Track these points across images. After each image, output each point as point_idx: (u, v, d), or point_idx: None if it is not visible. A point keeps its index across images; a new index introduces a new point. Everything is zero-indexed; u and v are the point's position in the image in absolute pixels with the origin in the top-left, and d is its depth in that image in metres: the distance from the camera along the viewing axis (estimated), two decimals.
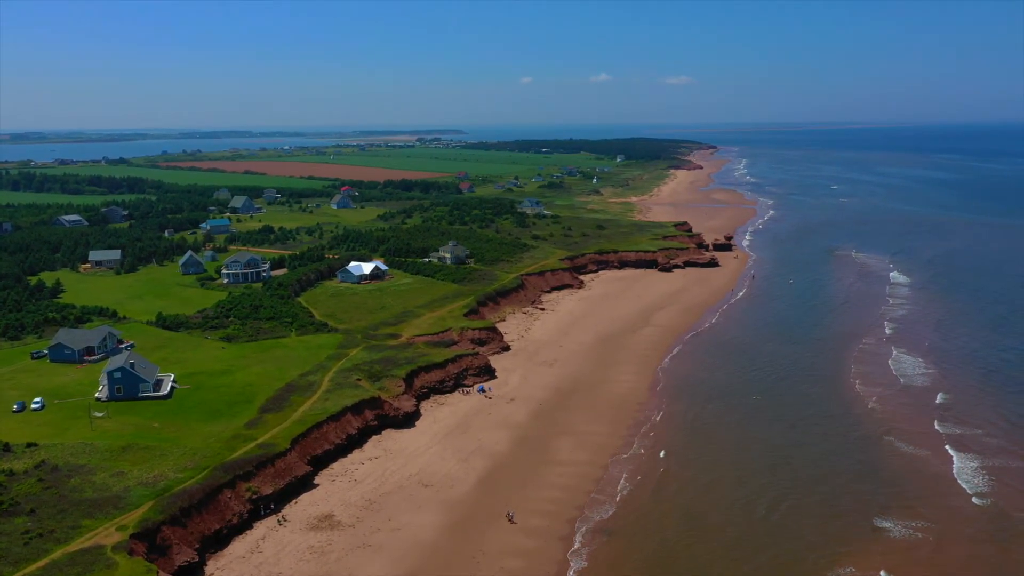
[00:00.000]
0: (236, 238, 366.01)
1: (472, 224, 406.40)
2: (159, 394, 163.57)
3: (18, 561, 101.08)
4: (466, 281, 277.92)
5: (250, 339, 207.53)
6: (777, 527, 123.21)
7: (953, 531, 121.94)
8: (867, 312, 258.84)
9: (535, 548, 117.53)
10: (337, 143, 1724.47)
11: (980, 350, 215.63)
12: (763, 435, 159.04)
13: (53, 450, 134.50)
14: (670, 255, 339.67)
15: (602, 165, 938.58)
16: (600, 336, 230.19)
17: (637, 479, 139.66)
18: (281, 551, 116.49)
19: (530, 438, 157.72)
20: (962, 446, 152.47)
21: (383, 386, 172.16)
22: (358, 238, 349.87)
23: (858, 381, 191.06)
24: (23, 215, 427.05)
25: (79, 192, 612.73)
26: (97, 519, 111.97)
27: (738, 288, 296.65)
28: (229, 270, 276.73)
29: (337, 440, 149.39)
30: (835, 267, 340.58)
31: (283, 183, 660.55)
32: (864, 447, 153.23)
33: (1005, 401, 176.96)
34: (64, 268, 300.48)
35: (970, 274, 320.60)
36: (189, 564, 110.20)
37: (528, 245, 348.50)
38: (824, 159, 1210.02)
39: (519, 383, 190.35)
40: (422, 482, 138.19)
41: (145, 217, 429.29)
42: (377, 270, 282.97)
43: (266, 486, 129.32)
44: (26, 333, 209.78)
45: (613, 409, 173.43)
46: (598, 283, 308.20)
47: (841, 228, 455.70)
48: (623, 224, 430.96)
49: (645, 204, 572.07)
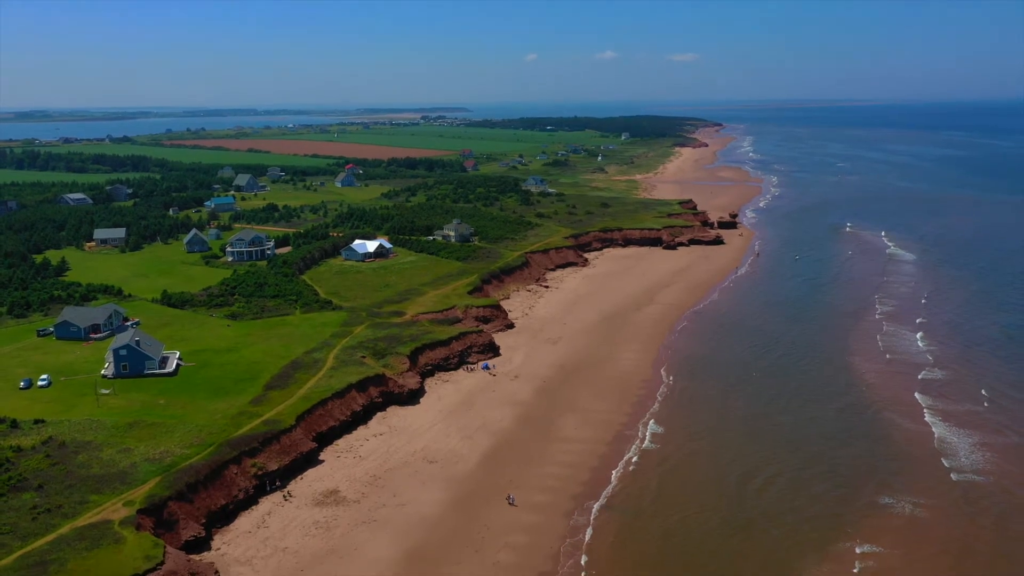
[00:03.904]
0: (240, 216, 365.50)
1: (476, 202, 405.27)
2: (165, 371, 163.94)
3: (27, 536, 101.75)
4: (470, 259, 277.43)
5: (255, 317, 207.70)
6: (778, 502, 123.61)
7: (950, 506, 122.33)
8: (870, 290, 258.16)
9: (539, 524, 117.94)
10: (341, 121, 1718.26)
11: (984, 327, 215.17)
12: (765, 412, 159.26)
13: (60, 427, 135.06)
14: (675, 233, 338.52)
15: (607, 143, 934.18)
16: (604, 314, 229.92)
17: (640, 456, 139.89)
18: (287, 526, 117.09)
19: (534, 415, 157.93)
20: (961, 422, 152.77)
21: (387, 363, 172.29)
22: (362, 216, 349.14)
23: (858, 358, 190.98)
24: (28, 193, 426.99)
25: (83, 170, 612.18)
26: (104, 494, 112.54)
27: (742, 266, 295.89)
28: (233, 248, 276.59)
29: (342, 417, 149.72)
30: (840, 244, 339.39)
31: (287, 161, 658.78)
32: (863, 423, 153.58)
33: (1005, 377, 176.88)
34: (69, 246, 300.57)
35: (977, 252, 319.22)
36: (196, 539, 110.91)
37: (532, 223, 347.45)
38: (831, 136, 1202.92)
39: (523, 360, 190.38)
40: (427, 458, 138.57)
41: (149, 195, 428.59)
42: (381, 248, 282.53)
43: (272, 462, 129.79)
44: (32, 311, 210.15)
45: (617, 386, 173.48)
46: (602, 261, 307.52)
47: (847, 206, 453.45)
48: (628, 202, 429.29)
49: (650, 182, 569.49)
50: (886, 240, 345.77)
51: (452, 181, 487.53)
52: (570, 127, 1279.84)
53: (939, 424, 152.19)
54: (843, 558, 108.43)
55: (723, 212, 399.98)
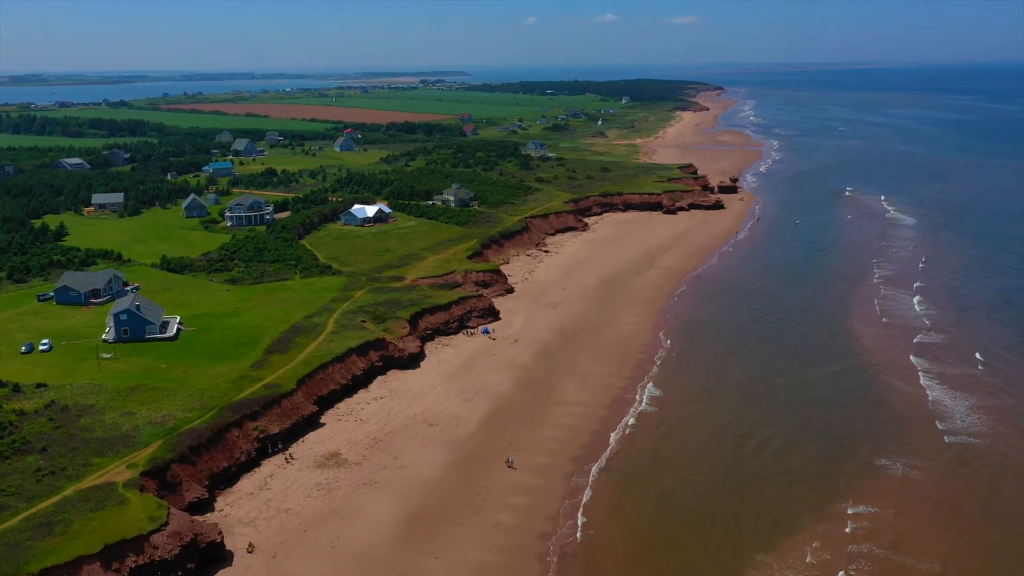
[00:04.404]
0: (239, 181, 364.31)
1: (476, 167, 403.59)
2: (165, 336, 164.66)
3: (32, 498, 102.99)
4: (470, 224, 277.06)
5: (255, 281, 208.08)
6: (773, 463, 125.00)
7: (943, 468, 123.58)
8: (868, 254, 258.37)
9: (539, 486, 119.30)
10: (340, 85, 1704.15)
11: (981, 292, 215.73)
12: (762, 375, 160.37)
13: (62, 391, 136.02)
14: (675, 197, 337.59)
15: (607, 107, 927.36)
16: (604, 278, 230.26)
17: (639, 419, 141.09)
18: (289, 488, 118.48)
19: (534, 379, 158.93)
20: (956, 385, 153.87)
21: (388, 328, 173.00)
22: (361, 181, 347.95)
23: (856, 322, 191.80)
24: (25, 158, 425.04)
25: (80, 135, 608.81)
26: (107, 457, 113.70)
27: (742, 230, 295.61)
28: (232, 213, 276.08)
29: (343, 381, 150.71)
30: (840, 209, 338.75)
31: (285, 125, 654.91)
32: (859, 386, 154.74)
33: (1001, 341, 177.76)
34: (68, 211, 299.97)
35: (977, 217, 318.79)
36: (199, 500, 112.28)
37: (532, 188, 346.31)
38: (832, 100, 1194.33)
39: (523, 325, 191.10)
40: (427, 422, 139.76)
41: (147, 160, 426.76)
42: (381, 213, 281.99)
43: (273, 425, 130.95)
44: (32, 276, 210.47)
45: (616, 350, 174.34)
46: (602, 225, 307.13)
47: (847, 170, 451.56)
48: (628, 166, 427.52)
49: (650, 146, 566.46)
50: (886, 204, 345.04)
51: (451, 145, 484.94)
52: (570, 91, 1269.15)
53: (934, 387, 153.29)
54: (836, 518, 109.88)
55: (724, 176, 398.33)
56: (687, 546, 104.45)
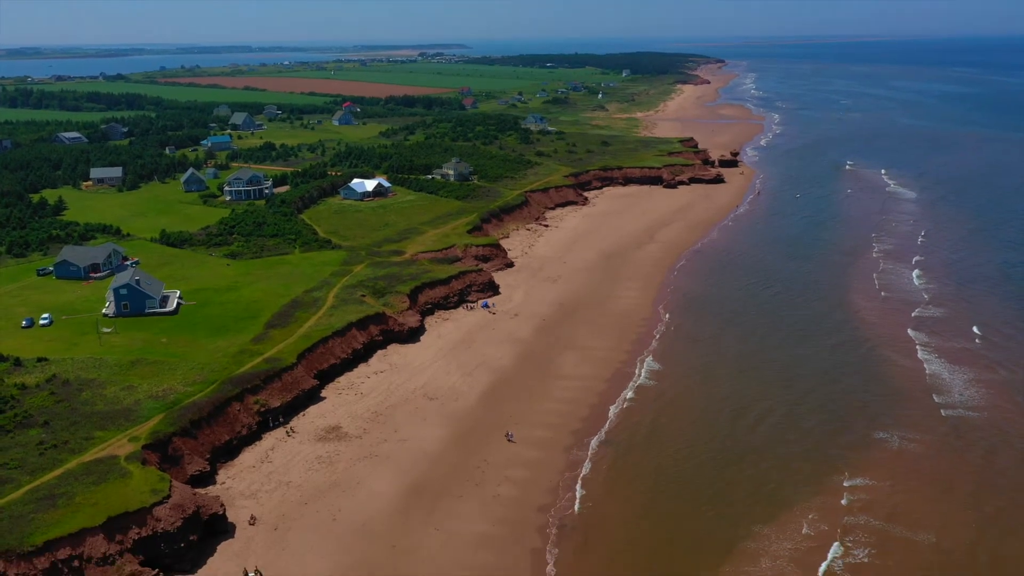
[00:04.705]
0: (237, 155, 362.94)
1: (475, 141, 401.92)
2: (166, 310, 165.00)
3: (35, 470, 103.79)
4: (470, 198, 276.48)
5: (254, 256, 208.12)
6: (769, 436, 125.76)
7: (938, 441, 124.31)
8: (868, 228, 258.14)
9: (539, 459, 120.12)
10: (338, 58, 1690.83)
11: (981, 266, 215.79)
12: (760, 348, 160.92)
13: (63, 365, 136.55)
14: (675, 171, 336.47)
15: (607, 80, 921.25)
16: (604, 252, 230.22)
17: (639, 392, 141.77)
18: (290, 461, 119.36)
19: (534, 353, 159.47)
20: (954, 359, 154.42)
21: (388, 302, 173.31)
22: (360, 155, 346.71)
23: (854, 296, 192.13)
24: (22, 132, 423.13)
25: (78, 109, 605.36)
26: (109, 431, 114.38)
27: (743, 204, 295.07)
28: (231, 187, 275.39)
29: (343, 355, 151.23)
30: (840, 183, 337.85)
31: (284, 99, 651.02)
32: (857, 360, 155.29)
33: (999, 315, 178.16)
34: (66, 186, 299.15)
35: (978, 190, 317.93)
36: (201, 473, 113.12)
37: (532, 162, 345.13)
38: (835, 73, 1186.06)
39: (523, 299, 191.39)
40: (427, 395, 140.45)
41: (145, 134, 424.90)
42: (380, 187, 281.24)
43: (274, 399, 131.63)
44: (31, 250, 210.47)
45: (616, 324, 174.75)
46: (602, 200, 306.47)
47: (849, 143, 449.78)
48: (628, 140, 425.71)
49: (651, 120, 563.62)
50: (886, 178, 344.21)
51: (451, 119, 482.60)
52: (570, 64, 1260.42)
53: (932, 360, 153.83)
54: (832, 490, 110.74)
55: (724, 150, 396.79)
56: (684, 517, 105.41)
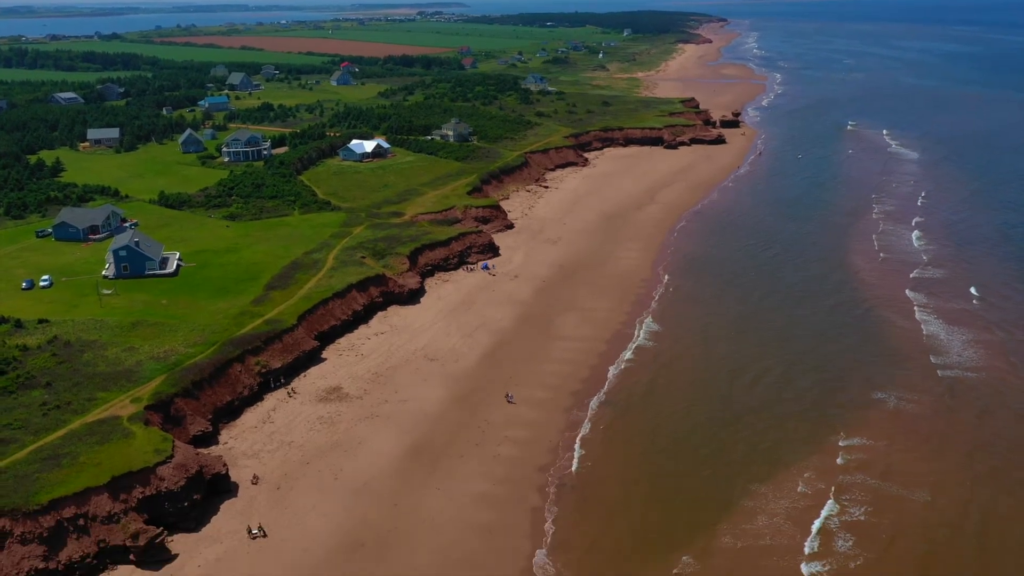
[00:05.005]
0: (235, 116, 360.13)
1: (475, 101, 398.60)
2: (165, 272, 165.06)
3: (38, 431, 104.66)
4: (469, 159, 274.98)
5: (254, 217, 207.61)
6: (766, 396, 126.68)
7: (934, 401, 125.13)
8: (869, 189, 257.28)
9: (539, 419, 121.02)
10: (336, 17, 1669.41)
11: (980, 226, 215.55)
12: (759, 309, 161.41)
13: (64, 326, 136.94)
14: (676, 132, 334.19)
15: (608, 39, 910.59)
16: (604, 214, 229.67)
17: (638, 353, 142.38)
18: (292, 421, 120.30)
19: (534, 314, 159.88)
20: (951, 320, 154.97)
21: (388, 264, 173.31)
22: (359, 115, 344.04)
23: (854, 257, 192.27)
24: (18, 92, 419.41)
25: (73, 69, 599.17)
26: (112, 392, 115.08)
27: (744, 165, 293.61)
28: (230, 148, 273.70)
29: (343, 316, 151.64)
30: (843, 143, 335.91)
31: (281, 59, 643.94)
32: (854, 320, 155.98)
33: (997, 276, 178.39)
34: (63, 147, 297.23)
35: (979, 151, 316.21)
36: (203, 434, 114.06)
37: (532, 122, 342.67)
38: (838, 32, 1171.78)
39: (523, 260, 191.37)
40: (428, 356, 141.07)
41: (142, 94, 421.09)
42: (379, 148, 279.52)
43: (275, 360, 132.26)
44: (29, 212, 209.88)
45: (616, 286, 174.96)
46: (603, 161, 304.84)
47: (851, 103, 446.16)
48: (629, 100, 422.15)
49: (652, 80, 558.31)
50: (888, 139, 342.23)
51: (450, 79, 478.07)
52: (570, 23, 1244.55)
53: (929, 321, 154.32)
54: (827, 450, 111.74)
55: (726, 111, 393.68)
56: (682, 476, 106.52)
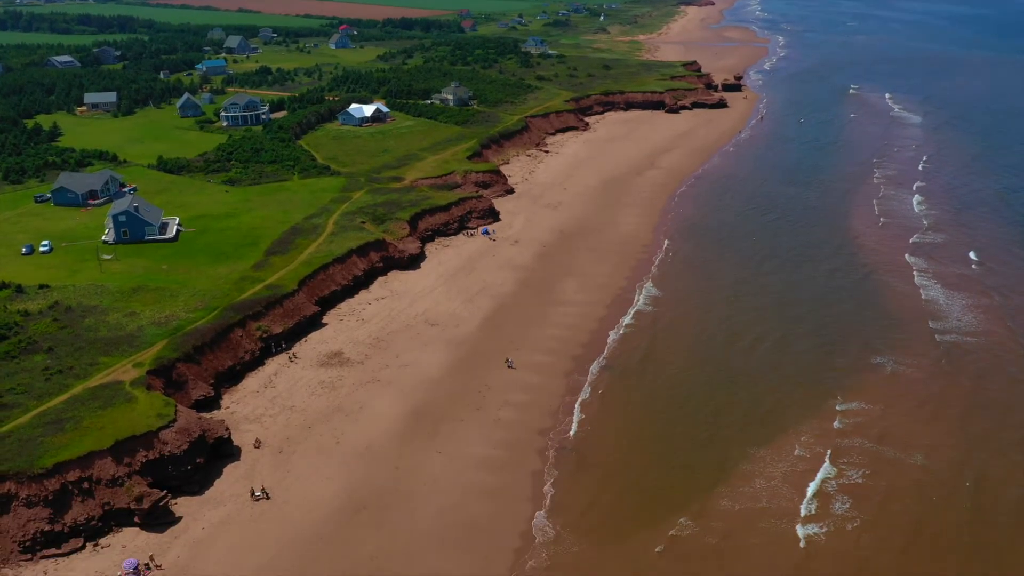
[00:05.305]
0: (233, 80, 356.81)
1: (475, 64, 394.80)
2: (165, 237, 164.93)
3: (41, 395, 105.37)
4: (469, 123, 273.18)
5: (253, 182, 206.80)
6: (764, 360, 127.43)
7: (931, 365, 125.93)
8: (870, 153, 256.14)
9: (539, 383, 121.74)
10: None
11: (981, 191, 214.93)
12: (758, 273, 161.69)
13: (65, 291, 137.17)
14: (678, 96, 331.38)
15: (609, 1, 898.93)
16: (605, 179, 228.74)
17: (637, 317, 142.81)
18: (293, 386, 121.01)
19: (534, 279, 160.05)
20: (950, 284, 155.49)
21: (388, 229, 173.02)
22: (358, 79, 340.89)
23: (854, 221, 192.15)
24: (13, 56, 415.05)
25: (68, 31, 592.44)
26: (113, 356, 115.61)
27: (745, 129, 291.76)
28: (228, 113, 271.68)
29: (343, 281, 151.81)
30: (845, 107, 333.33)
31: (279, 22, 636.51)
32: (853, 285, 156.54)
33: (997, 241, 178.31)
34: (60, 111, 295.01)
35: (982, 115, 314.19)
36: (205, 398, 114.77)
37: (532, 86, 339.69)
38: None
39: (523, 226, 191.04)
40: (428, 321, 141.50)
41: (138, 58, 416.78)
42: (378, 112, 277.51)
43: (276, 325, 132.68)
44: (27, 177, 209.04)
45: (617, 251, 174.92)
46: (604, 125, 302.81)
47: (855, 67, 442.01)
48: (630, 64, 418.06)
49: (653, 43, 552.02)
50: (891, 102, 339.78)
51: (449, 43, 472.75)
52: None
53: (928, 286, 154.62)
54: (825, 414, 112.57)
55: (728, 74, 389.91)
56: (680, 439, 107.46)
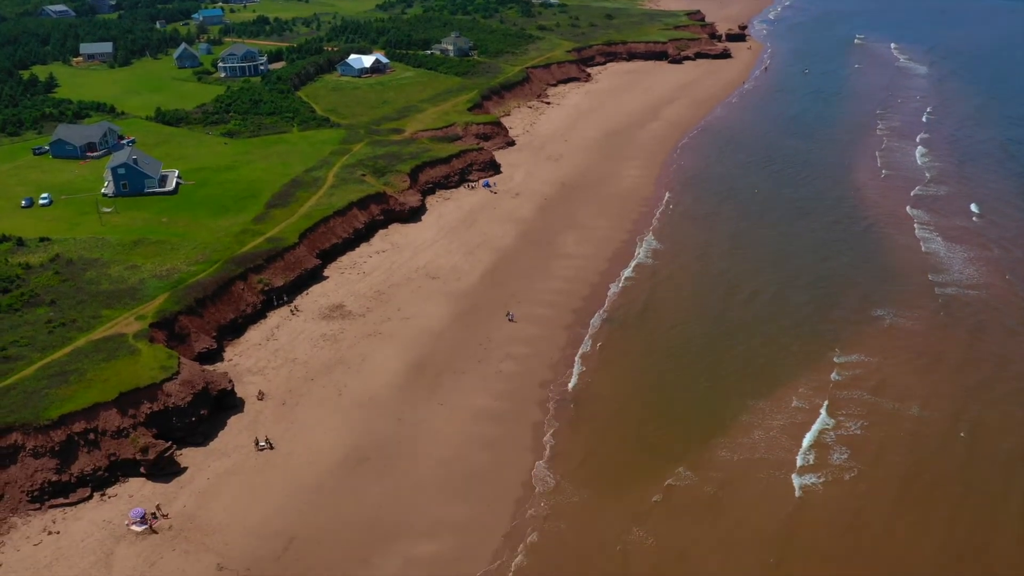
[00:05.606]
0: (230, 30, 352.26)
1: (475, 14, 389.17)
2: (165, 190, 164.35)
3: (45, 348, 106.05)
4: (470, 74, 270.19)
5: (252, 135, 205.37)
6: (762, 312, 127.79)
7: (929, 317, 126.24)
8: (874, 104, 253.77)
9: (540, 336, 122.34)
10: None
11: (984, 143, 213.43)
12: (759, 225, 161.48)
13: (66, 244, 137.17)
14: (681, 46, 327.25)
15: None
16: (607, 131, 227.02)
17: (638, 270, 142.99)
18: (295, 338, 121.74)
19: (535, 232, 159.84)
20: (950, 237, 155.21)
21: (388, 181, 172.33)
22: (357, 29, 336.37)
23: (856, 173, 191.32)
24: (6, 5, 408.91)
25: None
26: (116, 309, 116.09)
27: (749, 80, 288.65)
28: (226, 63, 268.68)
29: (344, 234, 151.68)
30: (850, 57, 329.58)
31: None
32: (853, 237, 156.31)
33: (999, 193, 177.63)
34: (56, 62, 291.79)
35: (988, 65, 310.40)
36: (208, 351, 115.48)
37: (534, 36, 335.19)
38: None
39: (524, 178, 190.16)
40: (429, 274, 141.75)
41: (134, 7, 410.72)
42: (378, 63, 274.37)
43: (277, 278, 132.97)
44: (24, 129, 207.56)
45: (618, 203, 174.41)
46: (606, 76, 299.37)
47: (860, 16, 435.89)
48: (633, 13, 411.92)
49: None
50: (896, 52, 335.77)
51: None
52: None
53: (928, 239, 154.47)
54: (822, 366, 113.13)
55: (732, 24, 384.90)
56: (679, 390, 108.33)
